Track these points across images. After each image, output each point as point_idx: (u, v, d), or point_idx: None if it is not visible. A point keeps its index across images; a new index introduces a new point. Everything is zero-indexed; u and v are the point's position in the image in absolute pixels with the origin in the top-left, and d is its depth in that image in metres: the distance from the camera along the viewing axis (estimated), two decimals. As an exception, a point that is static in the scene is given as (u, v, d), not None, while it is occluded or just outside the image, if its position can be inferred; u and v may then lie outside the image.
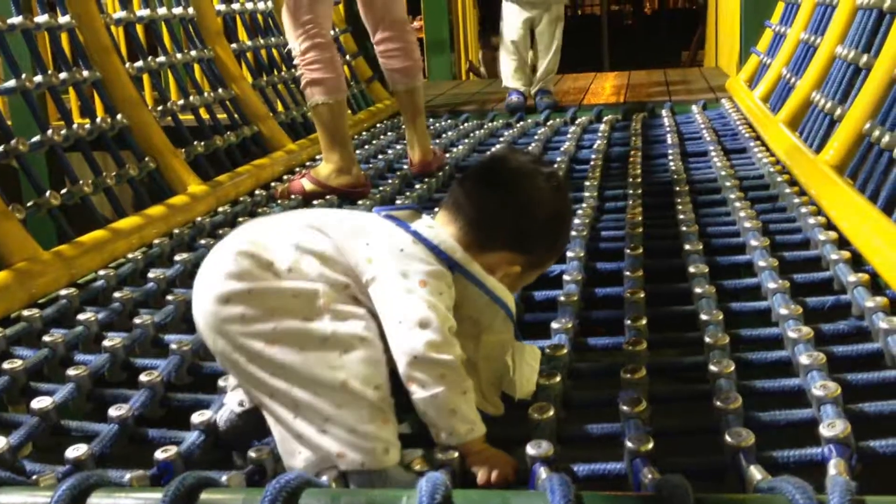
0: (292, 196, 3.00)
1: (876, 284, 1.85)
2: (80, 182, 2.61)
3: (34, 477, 1.31)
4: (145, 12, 3.41)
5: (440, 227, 1.39)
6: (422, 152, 3.25)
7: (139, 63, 3.25)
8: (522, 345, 1.50)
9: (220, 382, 1.55)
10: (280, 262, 1.28)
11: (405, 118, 3.32)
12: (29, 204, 2.42)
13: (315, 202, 2.91)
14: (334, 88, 2.91)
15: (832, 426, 1.24)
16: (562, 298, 1.87)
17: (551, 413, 1.37)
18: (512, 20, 4.65)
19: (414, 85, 3.20)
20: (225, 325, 1.25)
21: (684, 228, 2.31)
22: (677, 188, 2.77)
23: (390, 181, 3.17)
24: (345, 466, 1.21)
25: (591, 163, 3.24)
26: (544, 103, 4.59)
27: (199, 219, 2.76)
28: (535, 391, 1.47)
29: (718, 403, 1.36)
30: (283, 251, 1.29)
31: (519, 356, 1.45)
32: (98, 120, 2.88)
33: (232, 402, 1.38)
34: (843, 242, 2.09)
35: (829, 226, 2.20)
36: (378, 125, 4.50)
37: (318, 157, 3.75)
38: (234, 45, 3.94)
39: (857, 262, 1.97)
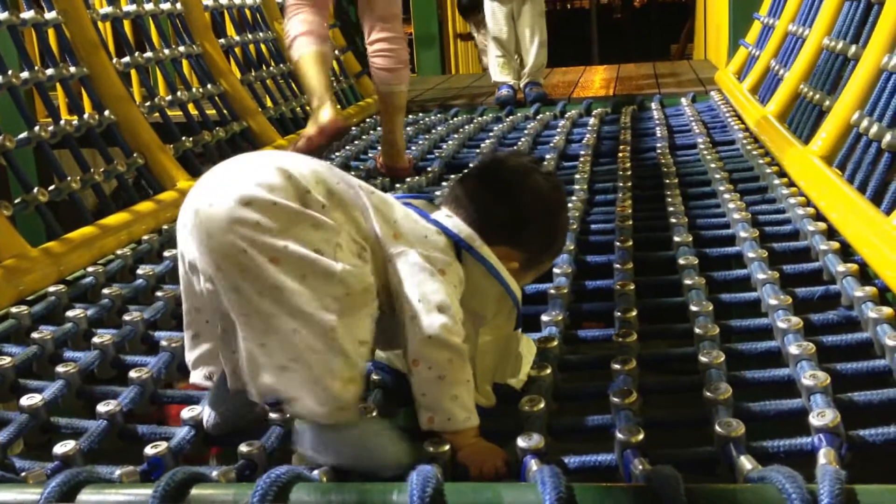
0: None
1: (865, 274, 1.85)
2: (69, 178, 2.60)
3: (23, 474, 1.30)
4: (132, 8, 3.39)
5: (457, 218, 1.40)
6: (395, 153, 3.25)
7: (126, 59, 3.23)
8: (522, 337, 1.52)
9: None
10: (316, 194, 1.22)
11: (383, 118, 3.32)
12: (17, 201, 2.40)
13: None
14: (316, 41, 2.93)
15: (822, 415, 1.24)
16: (552, 291, 1.87)
17: (542, 405, 1.37)
18: (494, 16, 4.66)
19: (399, 88, 3.21)
20: (235, 225, 1.15)
21: (674, 220, 2.31)
22: (667, 181, 2.77)
23: (379, 180, 3.17)
24: (293, 412, 1.20)
25: (581, 156, 3.24)
26: (533, 94, 4.58)
27: (188, 215, 2.74)
28: (525, 381, 1.49)
29: (708, 394, 1.36)
30: (318, 188, 1.23)
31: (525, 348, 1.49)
32: (86, 116, 2.86)
33: (197, 377, 1.35)
34: (831, 233, 2.10)
35: (818, 216, 2.21)
36: (367, 120, 4.49)
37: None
38: (222, 41, 3.93)
39: (846, 252, 1.97)
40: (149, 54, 3.42)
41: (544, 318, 1.74)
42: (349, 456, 1.22)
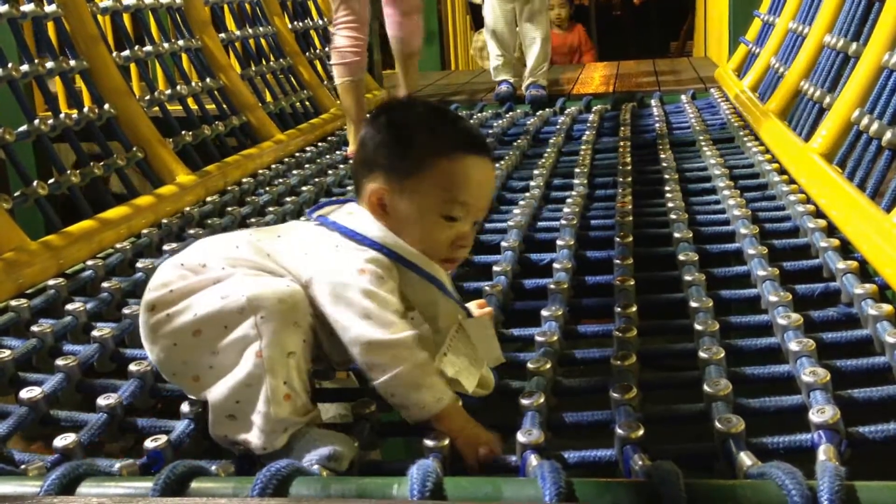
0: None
1: (865, 272, 1.86)
2: (68, 172, 2.60)
3: (23, 466, 1.30)
4: (132, 1, 3.38)
5: (360, 210, 1.39)
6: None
7: (126, 52, 3.23)
8: (471, 320, 1.45)
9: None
10: (211, 264, 1.33)
11: (400, 77, 3.85)
12: (16, 194, 2.40)
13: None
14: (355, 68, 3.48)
15: (822, 412, 1.25)
16: (552, 286, 1.87)
17: (542, 400, 1.37)
18: (494, 12, 4.61)
19: (412, 49, 3.80)
20: (154, 331, 1.32)
21: (674, 217, 2.31)
22: (667, 177, 2.77)
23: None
24: (255, 451, 1.25)
25: (581, 152, 3.24)
26: (531, 96, 4.51)
27: (187, 209, 2.75)
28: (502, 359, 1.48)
29: (708, 390, 1.36)
30: (214, 261, 1.33)
31: (471, 330, 1.42)
32: (85, 109, 2.86)
33: None
34: (831, 230, 2.10)
35: (818, 214, 2.21)
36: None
37: (306, 148, 3.75)
38: (222, 35, 3.92)
39: (846, 249, 1.98)
40: (148, 48, 3.41)
41: (544, 312, 1.74)
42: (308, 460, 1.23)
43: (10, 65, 2.58)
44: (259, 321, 1.25)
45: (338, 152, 3.67)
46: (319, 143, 3.86)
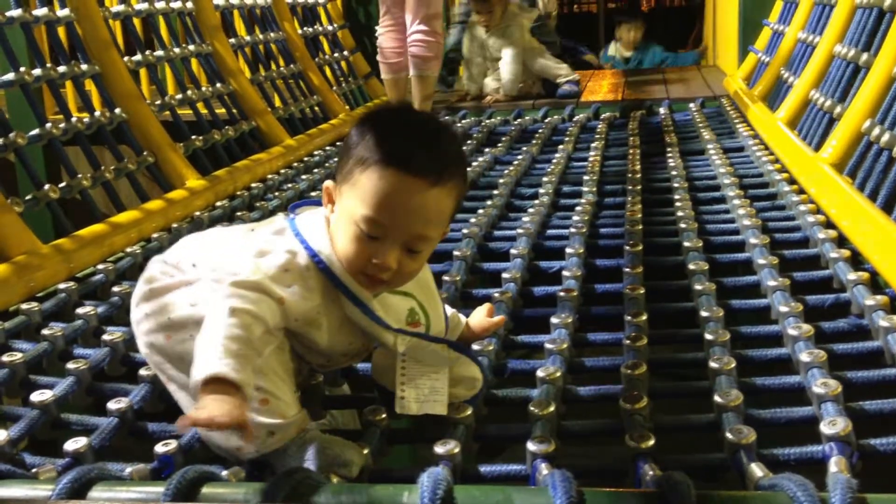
0: None
1: (875, 283, 1.85)
2: (79, 176, 2.61)
3: (34, 470, 1.30)
4: (144, 6, 3.40)
5: (321, 215, 1.33)
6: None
7: (137, 57, 3.24)
8: (411, 342, 1.36)
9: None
10: (184, 266, 1.38)
11: (414, 97, 4.18)
12: (28, 197, 2.41)
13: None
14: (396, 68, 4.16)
15: (833, 424, 1.24)
16: (561, 294, 1.87)
17: (552, 409, 1.37)
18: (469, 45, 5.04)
19: (428, 73, 4.18)
20: (137, 327, 1.37)
21: (683, 226, 2.31)
22: (676, 185, 2.77)
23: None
24: (246, 457, 1.25)
25: (590, 159, 3.24)
26: (563, 91, 4.87)
27: (197, 213, 2.75)
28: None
29: (719, 400, 1.36)
30: (187, 261, 1.39)
31: (415, 352, 1.36)
32: (97, 114, 2.87)
33: None
34: (842, 241, 2.10)
35: (829, 224, 2.21)
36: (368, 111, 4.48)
37: (315, 152, 3.75)
38: (232, 40, 3.93)
39: (857, 260, 1.97)
40: (159, 53, 3.42)
41: (554, 320, 1.74)
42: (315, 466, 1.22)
43: (22, 69, 2.59)
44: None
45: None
46: (328, 148, 3.87)
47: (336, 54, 4.98)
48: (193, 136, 3.23)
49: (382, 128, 1.27)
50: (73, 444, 1.34)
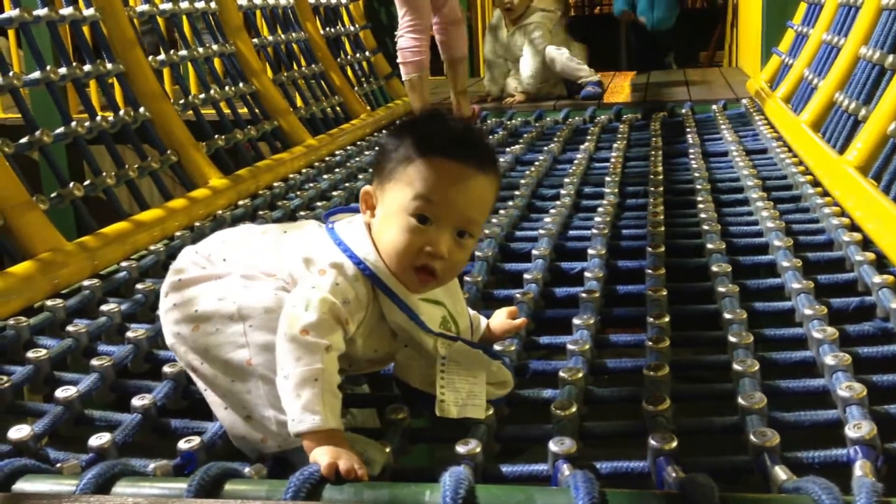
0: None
1: (900, 286, 1.83)
2: (104, 174, 2.63)
3: (58, 465, 1.31)
4: (168, 6, 3.42)
5: (359, 221, 1.35)
6: (461, 106, 4.26)
7: (161, 56, 3.26)
8: (455, 347, 1.36)
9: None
10: (215, 256, 1.39)
11: (449, 79, 4.30)
12: (52, 195, 2.42)
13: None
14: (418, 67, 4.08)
15: (858, 427, 1.23)
16: (583, 295, 1.86)
17: (574, 409, 1.37)
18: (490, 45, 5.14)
19: (458, 55, 4.24)
20: (165, 317, 1.37)
21: (706, 227, 2.30)
22: (699, 187, 2.76)
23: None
24: (268, 450, 1.26)
25: (612, 161, 3.23)
26: (586, 93, 4.86)
27: (219, 212, 2.77)
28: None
29: (743, 403, 1.35)
30: (219, 254, 1.40)
31: (458, 356, 1.36)
32: (121, 113, 2.89)
33: None
34: (866, 244, 2.08)
35: (853, 227, 2.19)
36: (398, 122, 4.50)
37: (337, 152, 3.76)
38: (255, 40, 3.95)
39: (882, 263, 1.95)
40: (183, 52, 3.44)
41: (576, 321, 1.74)
42: None
43: (48, 67, 2.61)
44: (248, 329, 1.28)
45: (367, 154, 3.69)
46: (349, 148, 3.88)
47: (358, 55, 4.99)
48: (216, 136, 3.25)
49: (420, 129, 1.33)
50: (98, 440, 1.35)
